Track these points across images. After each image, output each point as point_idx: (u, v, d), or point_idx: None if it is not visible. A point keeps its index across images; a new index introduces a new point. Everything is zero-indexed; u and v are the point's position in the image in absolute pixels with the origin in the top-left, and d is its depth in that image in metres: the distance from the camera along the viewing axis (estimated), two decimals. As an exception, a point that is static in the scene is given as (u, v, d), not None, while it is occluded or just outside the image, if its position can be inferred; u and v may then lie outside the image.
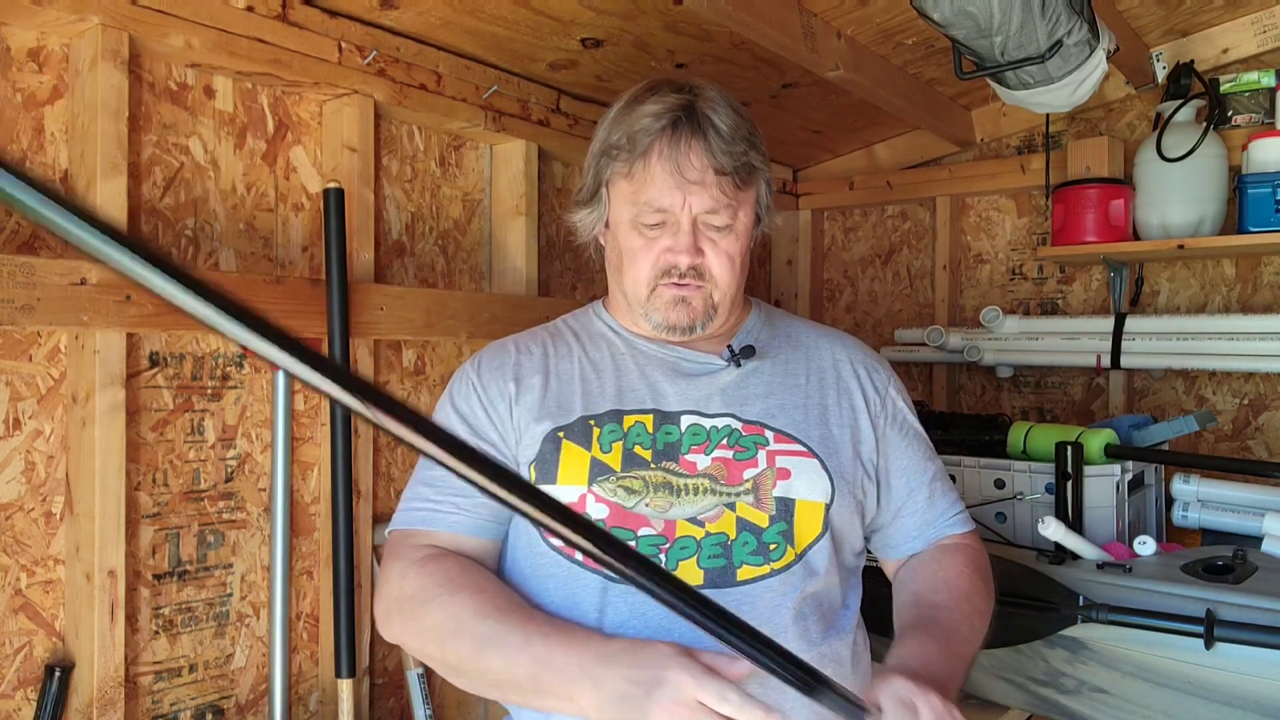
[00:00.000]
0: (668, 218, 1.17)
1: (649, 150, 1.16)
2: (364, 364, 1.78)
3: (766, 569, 1.15)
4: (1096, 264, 2.64)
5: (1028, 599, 1.66)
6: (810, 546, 1.17)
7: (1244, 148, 2.30)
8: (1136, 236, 2.47)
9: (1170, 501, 2.28)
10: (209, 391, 1.60)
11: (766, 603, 1.13)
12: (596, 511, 1.15)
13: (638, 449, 1.17)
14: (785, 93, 2.32)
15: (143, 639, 1.51)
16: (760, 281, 3.13)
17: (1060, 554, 1.79)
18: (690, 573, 1.13)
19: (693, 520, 1.15)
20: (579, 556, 1.14)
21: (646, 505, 1.15)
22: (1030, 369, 2.74)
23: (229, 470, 1.62)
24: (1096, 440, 2.08)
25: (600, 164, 1.22)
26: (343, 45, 1.69)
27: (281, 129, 1.72)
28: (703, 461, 1.18)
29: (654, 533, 1.15)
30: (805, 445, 1.20)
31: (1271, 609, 1.49)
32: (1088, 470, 2.03)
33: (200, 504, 1.59)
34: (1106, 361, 2.46)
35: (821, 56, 1.98)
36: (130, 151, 1.45)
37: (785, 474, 1.18)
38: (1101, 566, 1.72)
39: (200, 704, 1.59)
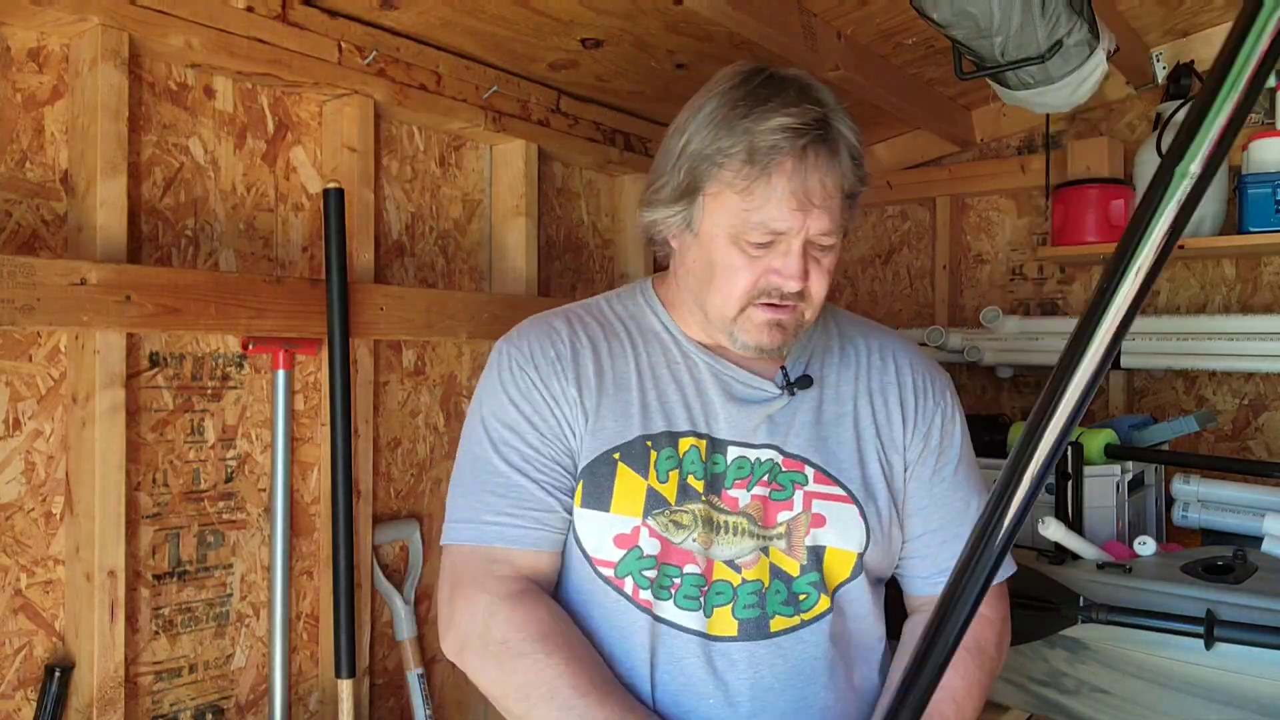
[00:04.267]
0: (778, 238, 1.06)
1: (776, 168, 1.03)
2: (364, 364, 1.78)
3: (797, 620, 1.11)
4: (1096, 264, 2.64)
5: (1028, 599, 1.66)
6: (842, 585, 1.14)
7: (1244, 148, 2.30)
8: (1136, 236, 2.47)
9: (1170, 501, 2.28)
10: (209, 392, 1.60)
11: (798, 653, 1.10)
12: (649, 547, 1.10)
13: (691, 479, 1.11)
14: (785, 93, 2.32)
15: (143, 639, 1.51)
16: (760, 281, 3.13)
17: (1060, 554, 1.79)
18: (724, 622, 1.09)
19: (729, 563, 1.10)
20: (628, 589, 1.10)
21: (694, 540, 1.10)
22: (1030, 369, 2.74)
23: (229, 470, 1.62)
24: (1096, 440, 2.08)
25: (701, 168, 1.07)
26: (343, 45, 1.69)
27: (281, 129, 1.72)
28: (744, 498, 1.12)
29: (697, 571, 1.10)
30: (846, 489, 1.14)
31: (1271, 609, 1.49)
32: (1088, 470, 2.03)
33: (200, 504, 1.59)
34: (1106, 361, 2.46)
35: (821, 56, 1.98)
36: (130, 151, 1.45)
37: (820, 521, 1.13)
38: (1101, 566, 1.72)
39: (200, 704, 1.59)
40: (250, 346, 1.61)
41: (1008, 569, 1.25)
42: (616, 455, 1.11)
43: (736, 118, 1.05)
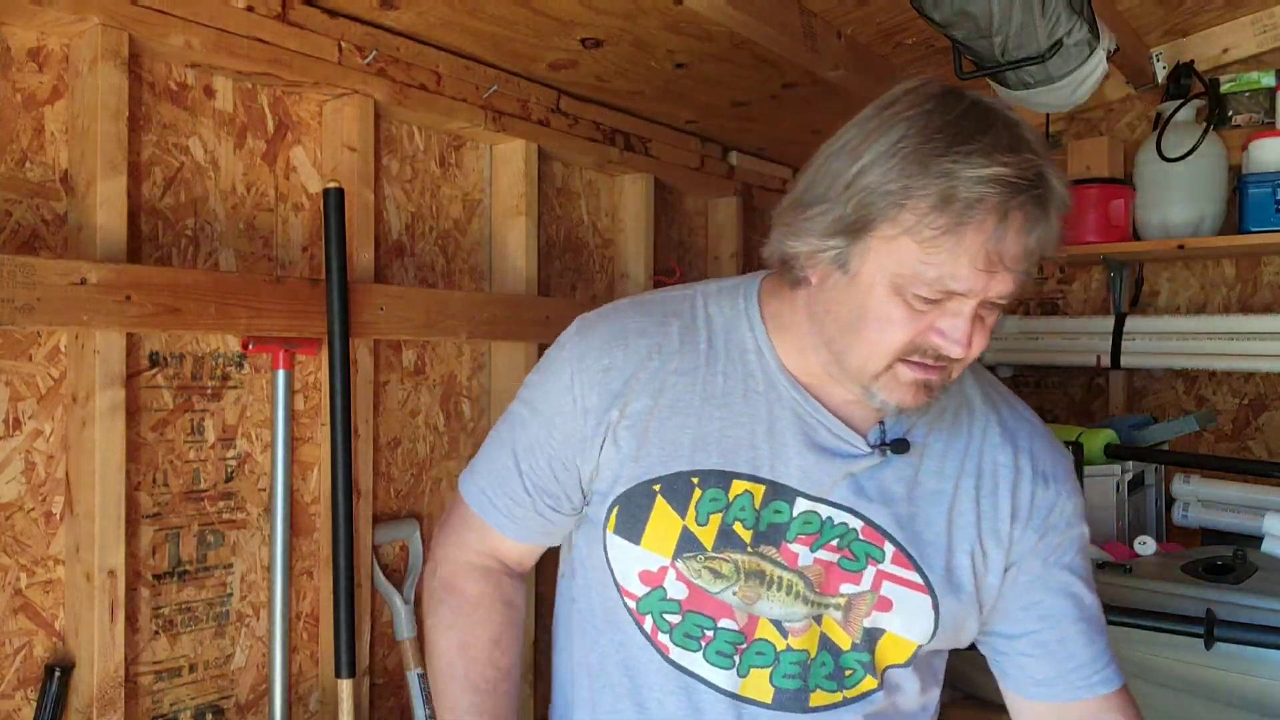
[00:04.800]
0: (951, 297, 0.90)
1: (973, 225, 0.86)
2: (364, 364, 1.78)
3: (840, 696, 1.03)
4: (1096, 264, 2.64)
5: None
6: (890, 668, 1.05)
7: (1244, 148, 2.31)
8: (1136, 236, 2.48)
9: (1170, 501, 2.29)
10: (209, 391, 1.60)
11: None
12: (675, 591, 1.03)
13: (737, 526, 1.01)
14: (785, 93, 2.32)
15: (143, 639, 1.51)
16: (760, 281, 3.13)
17: (1060, 554, 1.79)
18: (759, 686, 1.02)
19: (777, 625, 1.02)
20: (647, 627, 1.04)
21: (734, 594, 1.01)
22: (1030, 369, 2.74)
23: (229, 470, 1.62)
24: (1096, 440, 2.08)
25: (878, 205, 0.90)
26: (342, 45, 1.69)
27: (281, 129, 1.72)
28: (805, 556, 1.01)
29: (735, 627, 1.02)
30: (924, 577, 1.03)
31: (1271, 609, 1.49)
32: (1088, 470, 2.03)
33: (200, 504, 1.59)
34: (1106, 361, 2.46)
35: (822, 56, 1.98)
36: (130, 151, 1.45)
37: (885, 605, 1.02)
38: (1102, 566, 1.72)
39: (200, 704, 1.59)
40: (250, 346, 1.61)
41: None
42: (657, 487, 1.02)
43: (932, 154, 0.87)
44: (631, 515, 1.03)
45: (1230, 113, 2.42)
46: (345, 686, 1.65)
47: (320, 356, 1.72)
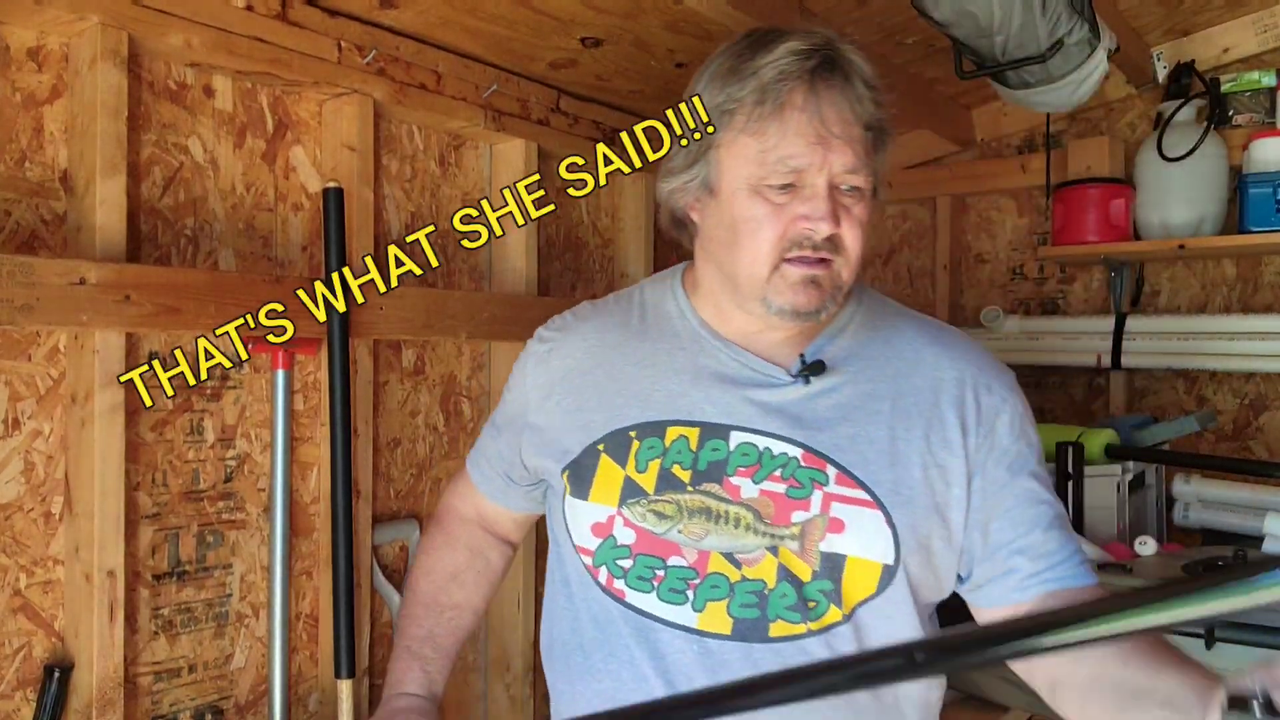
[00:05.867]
0: (800, 179, 1.00)
1: (786, 99, 0.99)
2: (363, 364, 1.78)
3: (804, 628, 1.02)
4: (1097, 264, 2.64)
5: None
6: (862, 604, 1.03)
7: (1244, 147, 2.30)
8: (1137, 236, 2.47)
9: (1171, 502, 2.29)
10: (208, 391, 1.60)
11: (801, 664, 0.99)
12: (624, 536, 1.08)
13: (676, 469, 1.07)
14: (785, 92, 2.32)
15: (142, 639, 1.51)
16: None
17: (1061, 554, 1.79)
18: (717, 619, 1.04)
19: (728, 557, 1.04)
20: (602, 578, 1.09)
21: (679, 532, 1.05)
22: (1030, 369, 2.74)
23: (228, 470, 1.62)
24: (1097, 440, 2.08)
25: (712, 121, 1.04)
26: (342, 44, 1.69)
27: (281, 128, 1.72)
28: (749, 488, 1.05)
29: (685, 564, 1.05)
30: (871, 493, 1.03)
31: (1272, 609, 1.49)
32: (1088, 470, 2.03)
33: (200, 504, 1.58)
34: (1107, 361, 2.46)
35: (822, 56, 1.98)
36: (130, 151, 1.45)
37: (838, 526, 1.03)
38: (1102, 567, 1.72)
39: (200, 704, 1.58)
40: (250, 346, 1.61)
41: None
42: (601, 447, 1.11)
43: (742, 61, 1.02)
44: (580, 477, 1.12)
45: (1231, 112, 2.42)
46: (345, 687, 1.64)
47: (320, 356, 1.72)
